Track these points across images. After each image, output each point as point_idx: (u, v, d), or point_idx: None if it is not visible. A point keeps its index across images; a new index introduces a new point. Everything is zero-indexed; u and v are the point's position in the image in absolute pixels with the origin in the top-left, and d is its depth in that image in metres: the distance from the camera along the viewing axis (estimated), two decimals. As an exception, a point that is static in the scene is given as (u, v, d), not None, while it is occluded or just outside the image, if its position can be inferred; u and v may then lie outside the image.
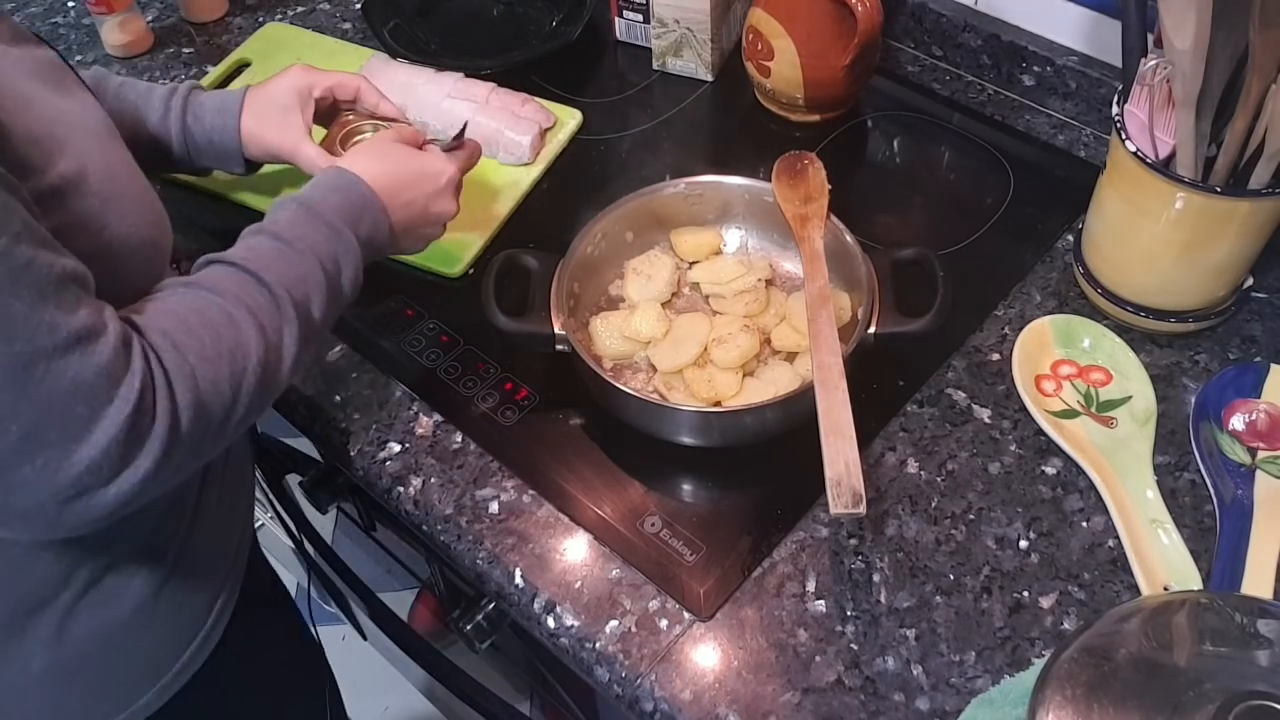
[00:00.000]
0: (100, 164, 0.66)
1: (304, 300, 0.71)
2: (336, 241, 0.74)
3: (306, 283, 0.71)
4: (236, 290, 0.68)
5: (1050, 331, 0.90)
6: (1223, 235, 0.82)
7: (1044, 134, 1.09)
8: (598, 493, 0.83)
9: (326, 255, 0.73)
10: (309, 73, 0.91)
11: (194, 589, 0.80)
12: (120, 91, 0.90)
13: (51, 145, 0.63)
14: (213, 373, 0.63)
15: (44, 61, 0.70)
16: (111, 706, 0.77)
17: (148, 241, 0.69)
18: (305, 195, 0.76)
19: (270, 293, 0.69)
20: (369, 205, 0.78)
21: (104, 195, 0.66)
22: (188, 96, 0.91)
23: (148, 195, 0.71)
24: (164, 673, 0.79)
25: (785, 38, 1.04)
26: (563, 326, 0.84)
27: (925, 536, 0.79)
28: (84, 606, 0.73)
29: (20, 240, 0.56)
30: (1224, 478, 0.80)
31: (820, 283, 0.84)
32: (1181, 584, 0.75)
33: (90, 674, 0.75)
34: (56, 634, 0.72)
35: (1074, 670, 0.55)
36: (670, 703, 0.73)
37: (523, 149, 1.06)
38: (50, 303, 0.57)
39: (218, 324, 0.65)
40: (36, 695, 0.73)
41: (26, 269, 0.56)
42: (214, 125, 0.90)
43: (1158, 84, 0.79)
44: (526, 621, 0.80)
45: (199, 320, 0.65)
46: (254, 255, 0.70)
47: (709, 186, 0.95)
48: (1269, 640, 0.56)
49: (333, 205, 0.76)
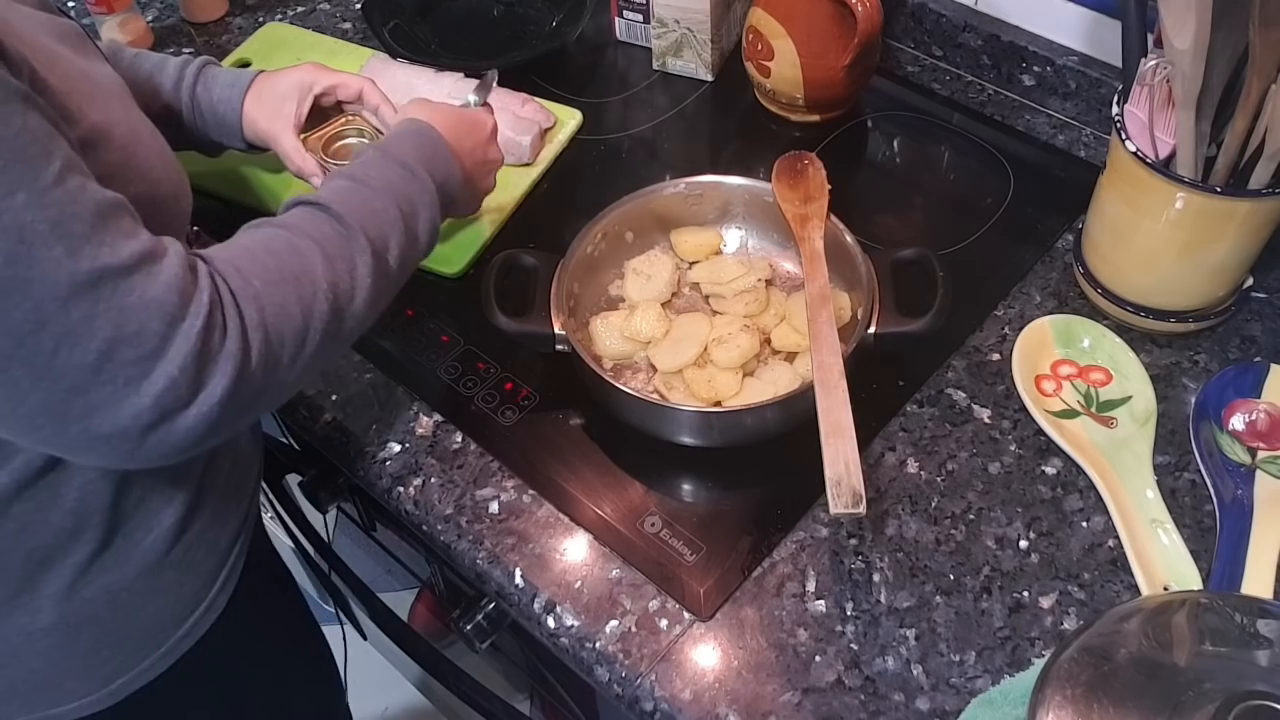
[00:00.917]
0: (123, 121, 0.68)
1: (379, 236, 0.72)
2: (412, 182, 0.76)
3: (380, 218, 0.73)
4: (303, 224, 0.69)
5: (1050, 331, 0.90)
6: (1222, 235, 0.82)
7: (1044, 134, 1.09)
8: (598, 493, 0.83)
9: (402, 196, 0.75)
10: (316, 70, 0.93)
11: (200, 557, 0.81)
12: (135, 61, 0.91)
13: (81, 99, 0.64)
14: (279, 296, 0.65)
15: (67, 28, 0.71)
16: (112, 669, 0.78)
17: (170, 197, 0.71)
18: (382, 144, 0.79)
19: (340, 223, 0.70)
20: (440, 149, 0.80)
21: (128, 150, 0.67)
22: (201, 69, 0.93)
23: (168, 153, 0.72)
24: (167, 638, 0.80)
25: (785, 38, 1.04)
26: (563, 326, 0.84)
27: (925, 536, 0.80)
28: (95, 567, 0.74)
29: (74, 169, 0.58)
30: (1224, 478, 0.80)
31: (820, 283, 0.84)
32: (1181, 584, 0.75)
33: (95, 632, 0.76)
34: (67, 591, 0.73)
35: (1074, 670, 0.55)
36: (670, 702, 0.73)
37: (523, 149, 1.06)
38: (109, 226, 0.58)
39: (282, 252, 0.67)
40: (41, 648, 0.74)
41: (80, 191, 0.57)
42: (221, 98, 0.92)
43: (1158, 84, 0.79)
44: (526, 621, 0.80)
45: (262, 249, 0.67)
46: (328, 193, 0.73)
47: (709, 186, 0.95)
48: (1269, 640, 0.56)
49: (408, 148, 0.78)
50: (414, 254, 0.76)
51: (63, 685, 0.77)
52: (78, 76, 0.66)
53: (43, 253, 0.55)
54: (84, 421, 0.58)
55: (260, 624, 0.93)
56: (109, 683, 0.78)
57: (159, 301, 0.58)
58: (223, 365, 0.61)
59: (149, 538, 0.76)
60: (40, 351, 0.56)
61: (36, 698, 0.77)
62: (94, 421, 0.58)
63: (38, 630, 0.73)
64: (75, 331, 0.56)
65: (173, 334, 0.59)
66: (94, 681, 0.78)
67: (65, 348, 0.56)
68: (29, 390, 0.57)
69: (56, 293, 0.56)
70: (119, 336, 0.57)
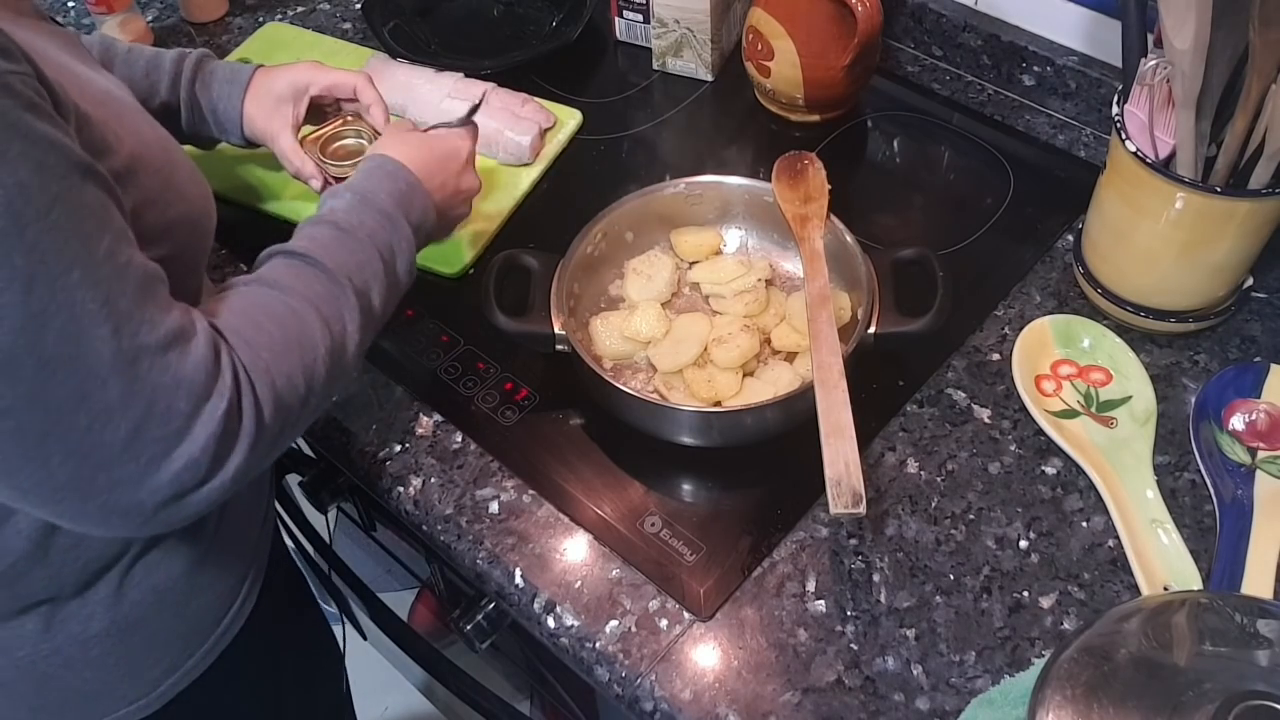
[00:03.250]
0: (155, 142, 0.68)
1: (364, 287, 0.72)
2: (392, 229, 0.76)
3: (365, 270, 0.73)
4: (297, 283, 0.69)
5: (1050, 331, 0.90)
6: (1222, 235, 0.82)
7: (1044, 134, 1.09)
8: (598, 493, 0.83)
9: (383, 243, 0.75)
10: (312, 70, 0.93)
11: (231, 557, 0.82)
12: (129, 58, 0.91)
13: (115, 124, 0.64)
14: (286, 367, 0.65)
15: (69, 38, 0.71)
16: (161, 671, 0.79)
17: (204, 215, 0.71)
18: (357, 184, 0.78)
19: (331, 279, 0.70)
20: (415, 191, 0.80)
21: (165, 173, 0.67)
22: (199, 64, 0.92)
23: (195, 170, 0.72)
24: (208, 636, 0.81)
25: (785, 38, 1.04)
26: (563, 326, 0.84)
27: (925, 536, 0.79)
28: (140, 567, 0.74)
29: (122, 240, 0.58)
30: (1224, 478, 0.80)
31: (820, 283, 0.84)
32: (1181, 584, 0.75)
33: (144, 635, 0.77)
34: (115, 595, 0.74)
35: (1074, 670, 0.55)
36: (670, 702, 0.73)
37: (523, 149, 1.06)
38: (150, 301, 0.59)
39: (284, 318, 0.67)
40: (94, 656, 0.75)
41: (128, 266, 0.58)
42: (220, 95, 0.92)
43: (1158, 84, 0.79)
44: (526, 621, 0.80)
45: (265, 316, 0.66)
46: (314, 244, 0.72)
47: (709, 186, 0.95)
48: (1269, 640, 0.56)
49: (385, 193, 0.78)
50: (395, 296, 0.77)
51: (114, 691, 0.78)
52: (104, 98, 0.65)
53: (92, 331, 0.56)
54: (104, 497, 0.59)
55: (285, 618, 0.94)
56: (157, 685, 0.79)
57: (190, 381, 0.59)
58: (240, 444, 0.62)
59: (189, 533, 0.76)
60: (76, 428, 0.57)
61: (89, 707, 0.77)
62: (113, 497, 0.59)
63: (91, 638, 0.74)
64: (111, 409, 0.57)
65: (198, 414, 0.60)
66: (144, 685, 0.79)
67: (99, 425, 0.57)
68: (58, 466, 0.57)
69: (99, 371, 0.56)
70: (150, 415, 0.58)
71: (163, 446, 0.59)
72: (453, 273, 0.98)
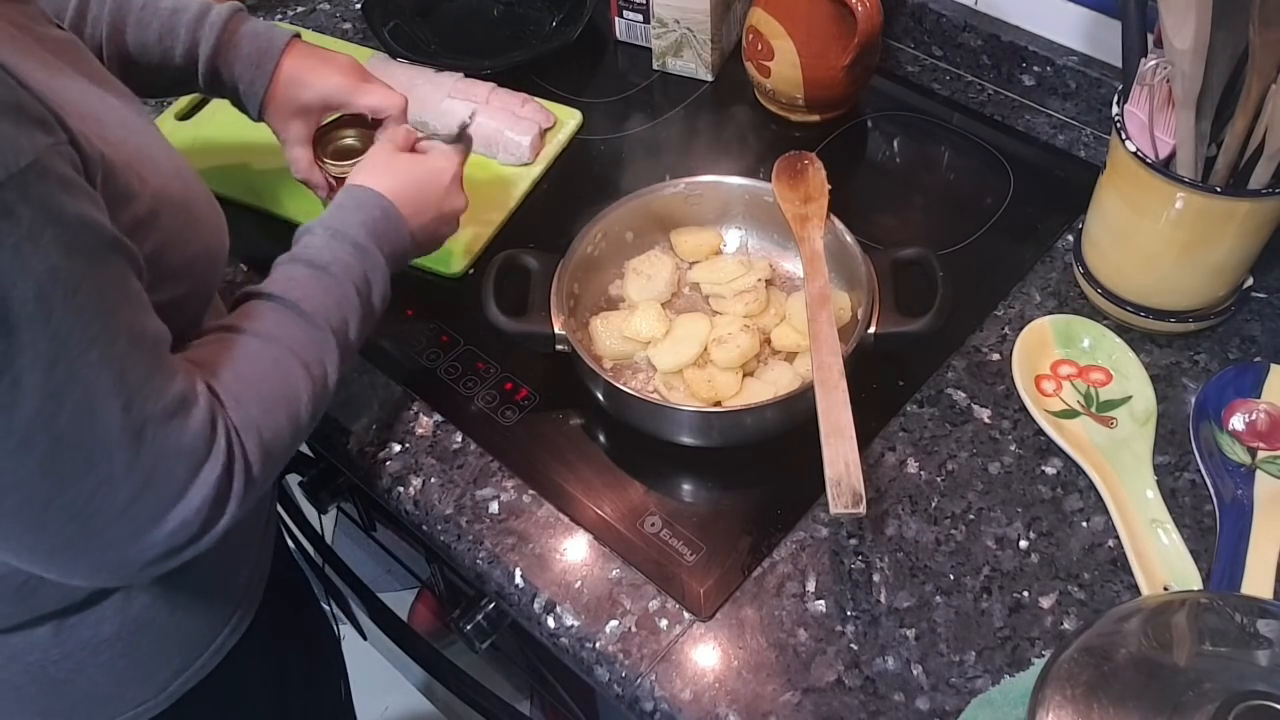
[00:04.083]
0: (171, 173, 0.67)
1: (342, 326, 0.73)
2: (365, 261, 0.76)
3: (343, 307, 0.73)
4: (279, 330, 0.70)
5: (1050, 331, 0.90)
6: (1223, 235, 0.82)
7: (1044, 134, 1.09)
8: (598, 493, 0.83)
9: (358, 276, 0.75)
10: (349, 88, 0.88)
11: (237, 558, 0.82)
12: (142, 17, 0.86)
13: (136, 163, 0.63)
14: (273, 422, 0.66)
15: (71, 46, 0.69)
16: (170, 672, 0.79)
17: (221, 245, 0.72)
18: (330, 219, 0.77)
19: (309, 323, 0.71)
20: (390, 219, 0.79)
21: (185, 207, 0.67)
22: (221, 35, 0.86)
23: (210, 195, 0.72)
24: (217, 634, 0.81)
25: (785, 38, 1.04)
26: (563, 326, 0.84)
27: (925, 536, 0.79)
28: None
29: (138, 308, 0.59)
30: (1224, 478, 0.80)
31: (820, 283, 0.84)
32: (1181, 584, 0.75)
33: (154, 636, 0.77)
34: (124, 600, 0.74)
35: (1074, 670, 0.55)
36: (670, 702, 0.73)
37: (523, 149, 1.06)
38: (157, 368, 0.59)
39: (270, 372, 0.68)
40: (104, 660, 0.75)
41: (140, 336, 0.58)
42: (243, 76, 0.87)
43: (1158, 84, 0.79)
44: (526, 621, 0.80)
45: (253, 370, 0.67)
46: (292, 286, 0.72)
47: (709, 186, 0.95)
48: (1269, 640, 0.56)
49: (358, 224, 0.77)
50: (370, 324, 0.77)
51: (124, 694, 0.78)
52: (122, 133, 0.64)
53: (104, 405, 0.56)
54: (97, 555, 0.60)
55: (288, 616, 0.94)
56: (165, 686, 0.79)
57: (189, 449, 0.60)
58: (231, 504, 0.63)
59: None
60: (79, 496, 0.57)
61: (98, 710, 0.78)
62: (106, 556, 0.60)
63: (101, 642, 0.74)
64: (115, 477, 0.58)
65: (194, 479, 0.61)
66: (152, 687, 0.79)
67: (102, 493, 0.58)
68: (56, 531, 0.58)
69: (108, 443, 0.57)
70: (150, 482, 0.59)
71: (158, 510, 0.60)
72: (453, 273, 0.98)
